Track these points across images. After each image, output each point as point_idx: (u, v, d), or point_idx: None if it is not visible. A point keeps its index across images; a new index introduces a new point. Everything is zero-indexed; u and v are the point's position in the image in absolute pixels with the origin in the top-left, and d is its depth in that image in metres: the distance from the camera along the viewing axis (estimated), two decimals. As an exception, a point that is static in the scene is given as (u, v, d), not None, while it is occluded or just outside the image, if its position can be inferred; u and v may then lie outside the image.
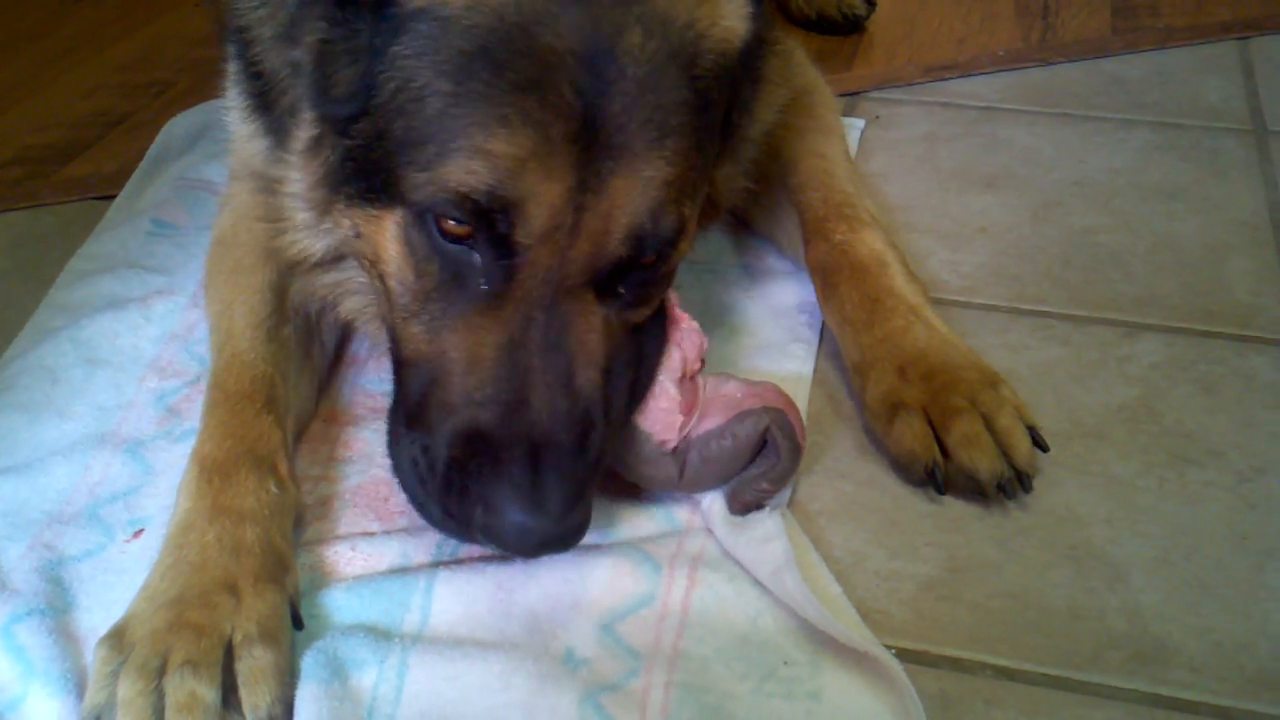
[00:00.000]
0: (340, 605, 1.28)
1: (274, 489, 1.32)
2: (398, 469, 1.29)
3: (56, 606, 1.27)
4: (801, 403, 1.54)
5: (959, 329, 1.63)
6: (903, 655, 1.24)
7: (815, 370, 1.61)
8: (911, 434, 1.42)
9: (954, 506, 1.41)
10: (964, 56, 2.44)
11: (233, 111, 1.62)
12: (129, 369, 1.61)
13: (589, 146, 1.18)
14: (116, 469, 1.46)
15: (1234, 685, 1.21)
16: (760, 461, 1.35)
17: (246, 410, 1.39)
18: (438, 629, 1.26)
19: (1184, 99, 2.26)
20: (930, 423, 1.42)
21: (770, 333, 1.66)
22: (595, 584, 1.29)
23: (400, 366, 1.32)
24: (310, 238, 1.40)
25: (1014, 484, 1.39)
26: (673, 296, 1.40)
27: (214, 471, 1.31)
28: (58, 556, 1.33)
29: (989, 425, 1.40)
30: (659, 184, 1.22)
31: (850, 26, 2.57)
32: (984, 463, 1.38)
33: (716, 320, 1.67)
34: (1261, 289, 1.75)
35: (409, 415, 1.28)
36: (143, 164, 2.09)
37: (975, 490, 1.40)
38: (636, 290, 1.29)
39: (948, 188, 2.02)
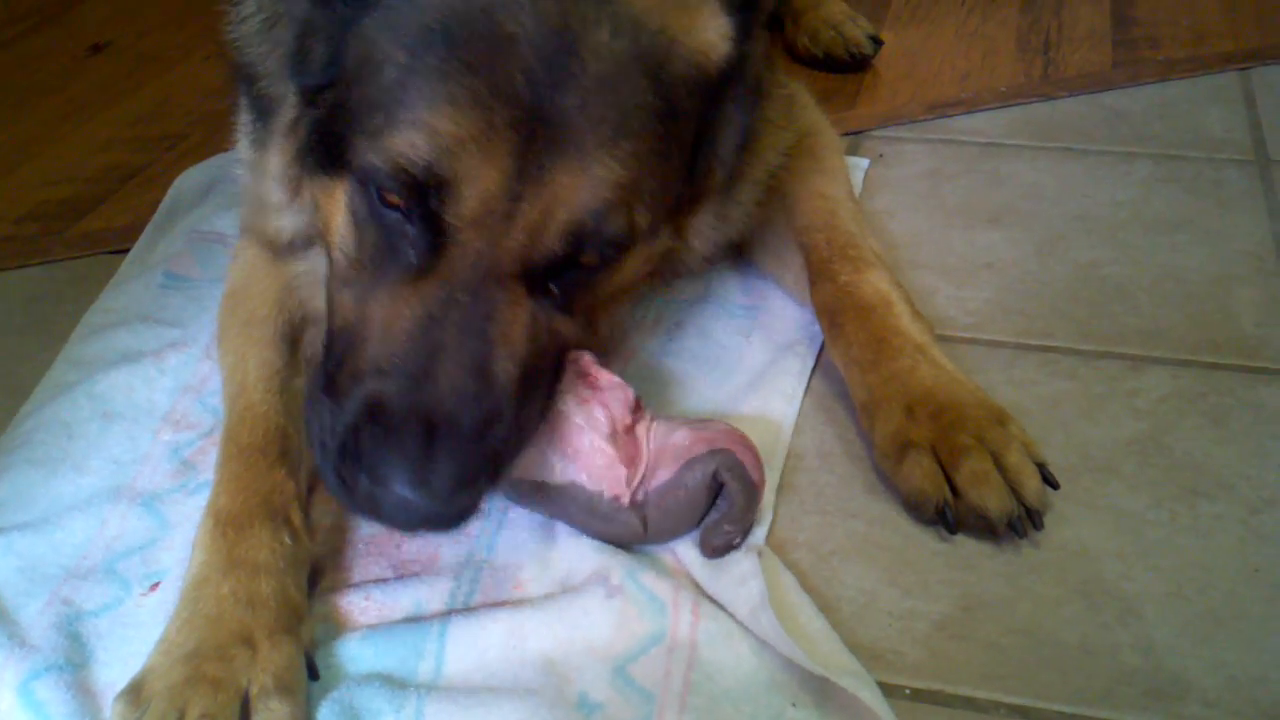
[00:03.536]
0: (355, 655, 1.29)
1: (288, 540, 1.33)
2: (309, 433, 1.30)
3: (74, 662, 1.28)
4: (785, 438, 1.56)
5: (966, 365, 1.64)
6: (917, 695, 1.24)
7: (822, 411, 1.62)
8: (921, 472, 1.42)
9: (965, 544, 1.41)
10: (967, 93, 2.46)
11: (243, 163, 1.64)
12: (144, 422, 1.63)
13: (534, 136, 1.19)
14: (132, 523, 1.47)
15: (1249, 719, 1.21)
16: (719, 505, 1.36)
17: (260, 463, 1.40)
18: (452, 677, 1.26)
19: (1186, 131, 2.27)
20: (939, 461, 1.42)
21: (764, 371, 1.66)
22: (606, 628, 1.29)
23: (329, 335, 1.34)
24: (283, 218, 1.42)
25: (1025, 522, 1.39)
26: (587, 359, 1.40)
27: (228, 524, 1.32)
28: (75, 611, 1.34)
29: (998, 463, 1.40)
30: (609, 184, 1.23)
31: (857, 65, 2.59)
32: (994, 501, 1.38)
33: (713, 360, 1.68)
34: (1268, 319, 1.75)
35: (326, 380, 1.29)
36: (155, 217, 2.11)
37: (986, 529, 1.40)
38: (571, 292, 1.31)
39: (952, 224, 2.03)
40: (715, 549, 1.37)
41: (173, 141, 2.47)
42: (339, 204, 1.30)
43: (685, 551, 1.39)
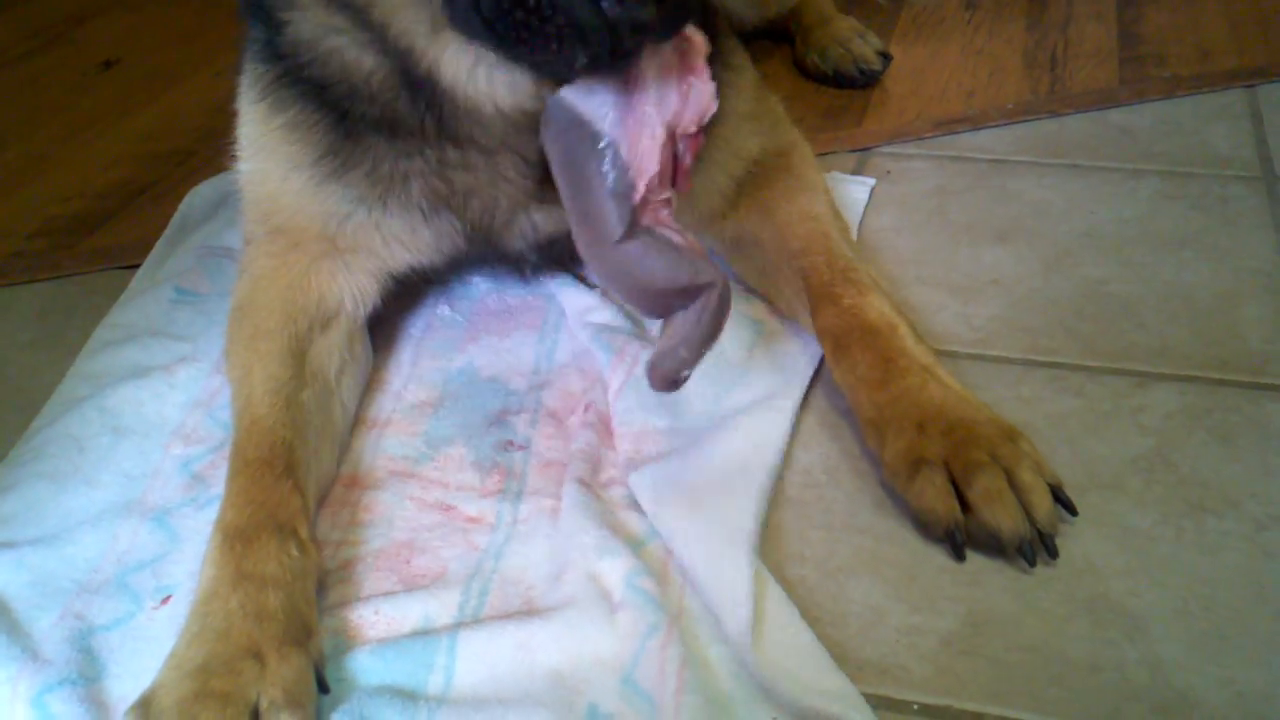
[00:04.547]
0: (365, 668, 1.29)
1: (295, 553, 1.33)
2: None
3: (87, 675, 1.29)
4: (778, 444, 1.55)
5: (972, 382, 1.64)
6: (924, 711, 1.25)
7: (828, 427, 1.62)
8: (933, 489, 1.42)
9: (973, 560, 1.41)
10: (973, 110, 2.47)
11: (253, 158, 1.66)
12: (154, 436, 1.64)
13: None
14: (144, 537, 1.47)
15: (1257, 736, 1.21)
16: (680, 324, 1.30)
17: (266, 477, 1.40)
18: (462, 689, 1.26)
19: (1192, 148, 2.27)
20: (952, 478, 1.43)
21: (767, 384, 1.66)
22: (613, 640, 1.29)
23: None
24: None
25: (1036, 545, 1.39)
26: (702, 44, 1.33)
27: (236, 539, 1.33)
28: (87, 625, 1.35)
29: (1010, 480, 1.40)
30: None
31: (866, 81, 2.60)
32: (1006, 520, 1.38)
33: (715, 375, 1.68)
34: (1275, 336, 1.75)
35: None
36: (165, 233, 2.12)
37: (995, 548, 1.40)
38: None
39: (959, 241, 2.03)
40: (664, 376, 1.30)
41: (182, 157, 2.49)
42: None
43: (684, 553, 1.39)
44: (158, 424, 1.66)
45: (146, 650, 1.32)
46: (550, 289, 1.87)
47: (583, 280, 1.86)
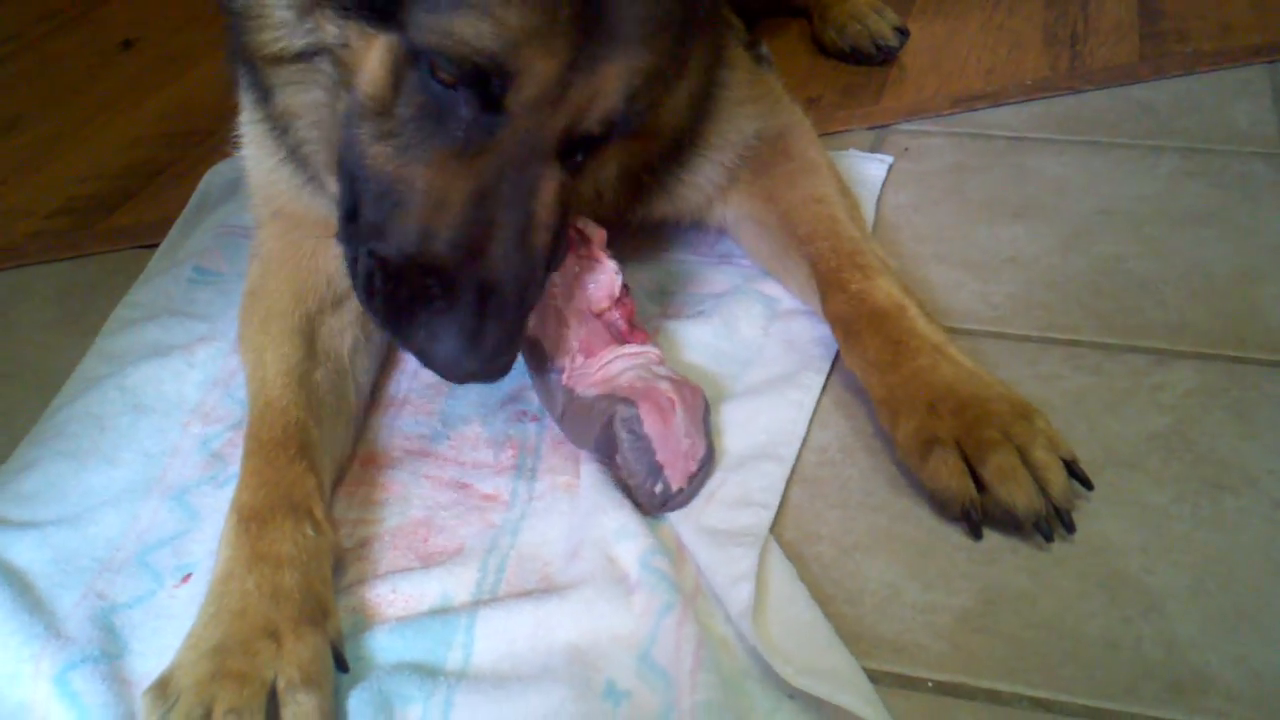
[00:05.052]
0: (384, 646, 1.30)
1: (310, 533, 1.34)
2: (350, 269, 1.40)
3: (109, 653, 1.30)
4: (801, 428, 1.57)
5: (990, 360, 1.64)
6: (939, 688, 1.25)
7: (843, 406, 1.62)
8: (947, 469, 1.42)
9: (988, 537, 1.42)
10: (992, 86, 2.46)
11: (248, 146, 1.67)
12: (174, 415, 1.65)
13: (591, 31, 1.26)
14: (164, 515, 1.49)
15: (1272, 713, 1.21)
16: (628, 457, 1.42)
17: (280, 458, 1.41)
18: (481, 666, 1.27)
19: (1213, 124, 2.26)
20: (965, 457, 1.42)
21: (783, 365, 1.67)
22: (630, 618, 1.30)
23: (350, 176, 1.39)
24: (290, 35, 1.42)
25: (1053, 521, 1.38)
26: (599, 235, 1.53)
27: (251, 519, 1.34)
28: (109, 604, 1.36)
29: (1024, 458, 1.40)
30: (643, 73, 1.33)
31: (883, 58, 2.59)
32: (1021, 497, 1.38)
33: (732, 355, 1.69)
34: (1294, 314, 1.75)
35: (365, 227, 1.37)
36: (184, 213, 2.14)
37: (1012, 525, 1.40)
38: (589, 158, 1.42)
39: (977, 218, 2.03)
40: (646, 505, 1.43)
41: (200, 137, 2.49)
42: (377, 58, 1.32)
43: (689, 537, 1.40)
44: (177, 402, 1.67)
45: (167, 628, 1.33)
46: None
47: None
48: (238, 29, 1.47)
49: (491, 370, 1.35)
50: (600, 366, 1.47)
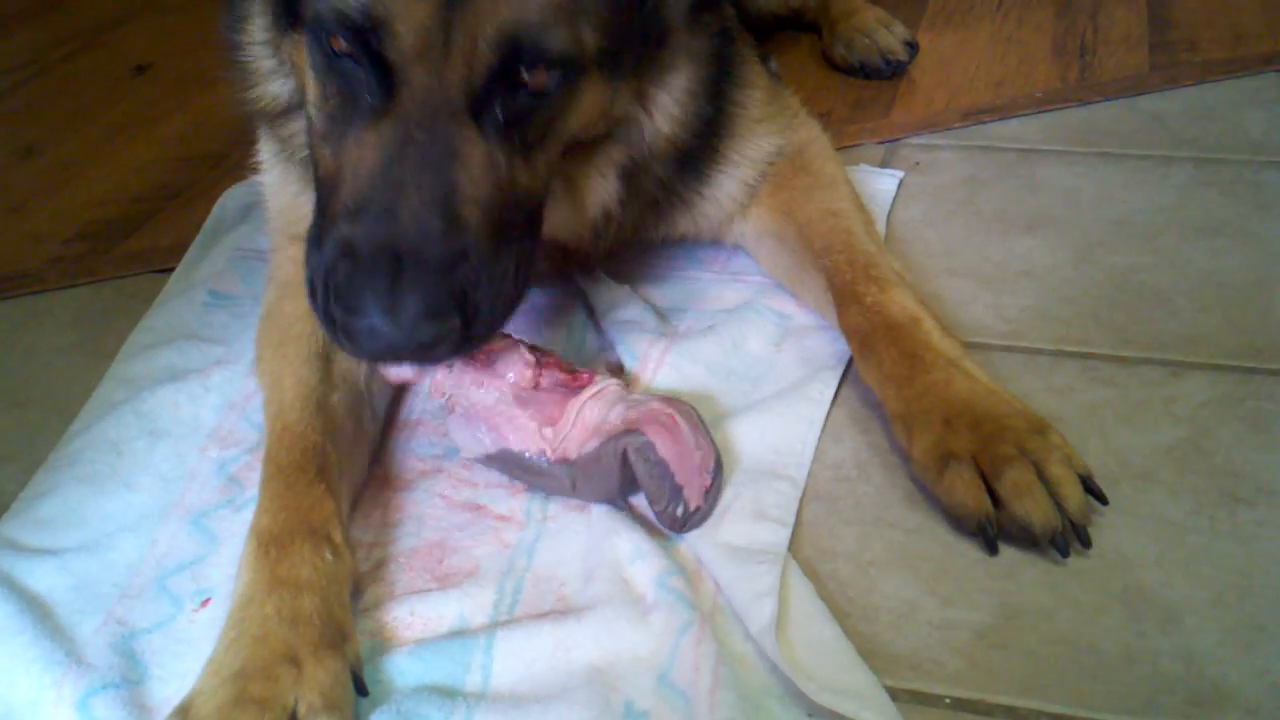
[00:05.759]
0: (403, 669, 1.31)
1: (329, 557, 1.35)
2: (308, 285, 1.37)
3: (130, 679, 1.31)
4: (812, 439, 1.57)
5: (1004, 373, 1.64)
6: (958, 704, 1.25)
7: (858, 421, 1.62)
8: (963, 485, 1.42)
9: (1005, 552, 1.41)
10: (1002, 99, 2.46)
11: (267, 172, 1.69)
12: (190, 439, 1.66)
13: None
14: (182, 540, 1.50)
15: (1292, 727, 1.21)
16: (646, 485, 1.42)
17: (299, 481, 1.42)
18: (500, 688, 1.28)
19: (1225, 134, 2.25)
20: (981, 472, 1.42)
21: (794, 380, 1.67)
22: (649, 638, 1.30)
23: (316, 192, 1.40)
24: (272, 84, 1.47)
25: (1069, 536, 1.38)
26: (495, 342, 1.48)
27: (270, 544, 1.34)
28: (129, 629, 1.37)
29: (1040, 473, 1.40)
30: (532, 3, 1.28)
31: (892, 72, 2.60)
32: (1037, 513, 1.38)
33: (743, 371, 1.69)
34: (1308, 324, 1.74)
35: (318, 234, 1.36)
36: (199, 236, 2.15)
37: (1028, 541, 1.40)
38: (523, 122, 1.35)
39: (989, 231, 2.03)
40: (670, 526, 1.43)
41: (215, 161, 2.51)
42: (304, 54, 1.36)
43: (707, 555, 1.40)
44: (193, 427, 1.68)
45: (188, 653, 1.34)
46: (579, 286, 1.88)
47: (610, 278, 1.87)
48: (237, 87, 1.53)
49: (417, 346, 1.28)
50: (573, 423, 1.46)
